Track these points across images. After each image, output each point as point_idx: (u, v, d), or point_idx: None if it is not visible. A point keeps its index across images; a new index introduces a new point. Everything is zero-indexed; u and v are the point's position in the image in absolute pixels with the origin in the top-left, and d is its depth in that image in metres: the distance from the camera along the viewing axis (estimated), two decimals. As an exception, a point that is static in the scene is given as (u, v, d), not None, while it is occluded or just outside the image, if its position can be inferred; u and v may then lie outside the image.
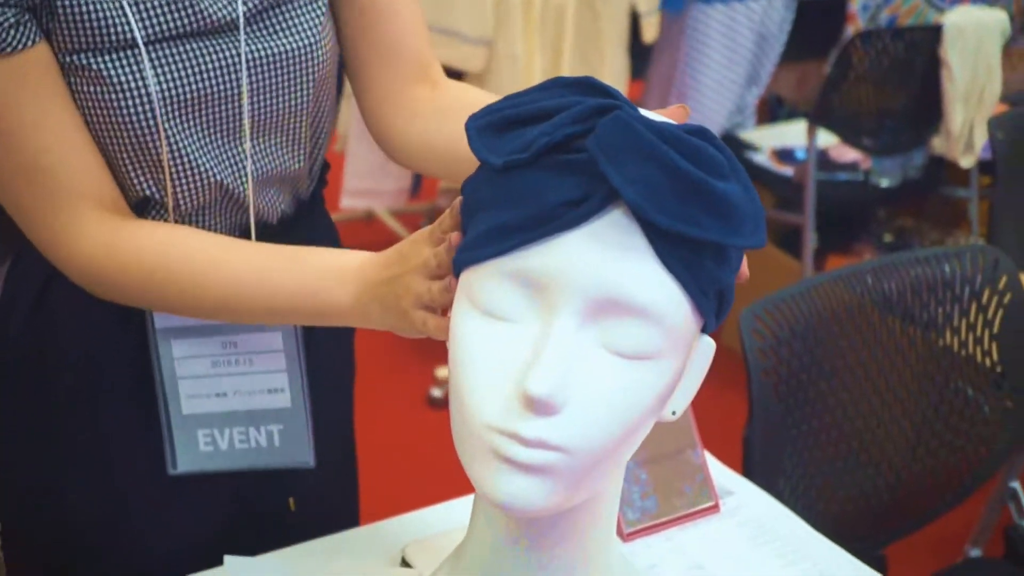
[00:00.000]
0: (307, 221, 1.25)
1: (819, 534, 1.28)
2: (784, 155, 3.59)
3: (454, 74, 3.09)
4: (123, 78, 1.04)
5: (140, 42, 1.04)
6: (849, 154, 3.54)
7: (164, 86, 1.06)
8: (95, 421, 1.20)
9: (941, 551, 1.95)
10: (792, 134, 3.66)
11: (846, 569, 1.22)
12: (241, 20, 1.09)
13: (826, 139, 3.40)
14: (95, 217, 1.05)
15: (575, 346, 0.75)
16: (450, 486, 1.35)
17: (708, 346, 0.83)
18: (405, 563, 1.21)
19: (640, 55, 3.49)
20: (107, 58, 1.04)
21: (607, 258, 0.75)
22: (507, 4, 3.06)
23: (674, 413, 0.83)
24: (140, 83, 1.05)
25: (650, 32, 3.35)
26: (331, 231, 1.35)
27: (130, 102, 1.05)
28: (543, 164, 0.77)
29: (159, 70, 1.06)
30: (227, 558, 1.11)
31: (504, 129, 0.79)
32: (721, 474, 1.37)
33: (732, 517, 1.31)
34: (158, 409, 1.18)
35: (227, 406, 1.20)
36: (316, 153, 1.24)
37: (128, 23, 1.03)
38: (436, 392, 3.18)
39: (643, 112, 0.79)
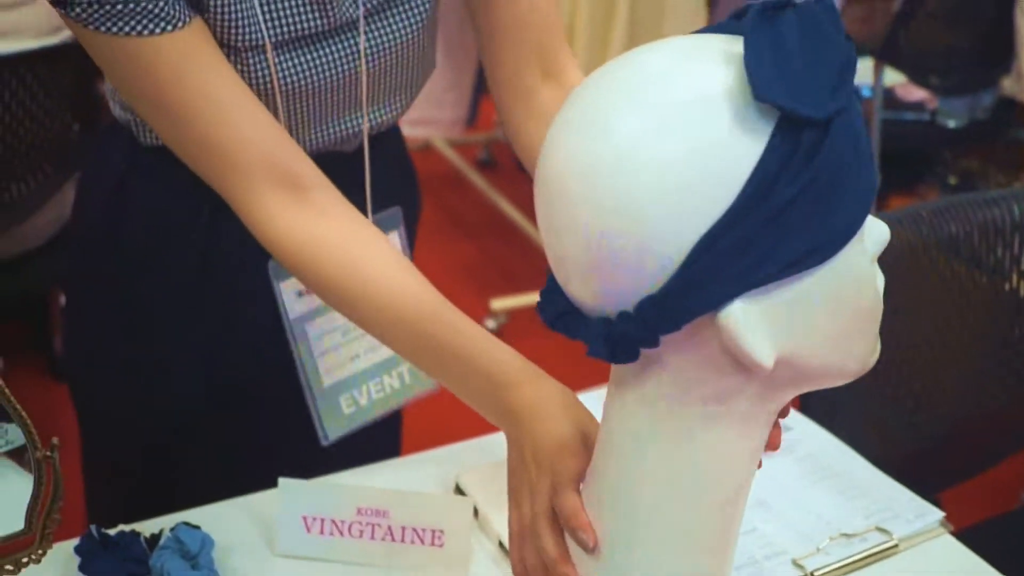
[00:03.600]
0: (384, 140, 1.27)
1: (878, 471, 1.27)
2: (849, 93, 3.53)
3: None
4: (250, 78, 1.07)
5: (268, 45, 1.06)
6: (916, 93, 3.47)
7: (287, 85, 1.09)
8: (157, 299, 1.24)
9: (997, 497, 1.93)
10: (858, 71, 3.59)
11: (906, 505, 1.21)
12: (361, 19, 1.11)
13: (893, 77, 3.33)
14: (275, 200, 1.03)
15: None
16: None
17: None
18: (459, 491, 1.21)
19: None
20: (233, 57, 1.06)
21: None
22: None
23: None
24: (265, 83, 1.08)
25: None
26: (400, 142, 1.37)
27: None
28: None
29: (282, 71, 1.09)
30: (281, 480, 1.11)
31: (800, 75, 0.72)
32: (778, 412, 1.36)
33: (791, 453, 1.29)
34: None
35: (360, 366, 1.25)
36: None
37: (260, 26, 1.06)
38: (491, 323, 3.18)
39: None
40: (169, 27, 0.97)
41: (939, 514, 1.20)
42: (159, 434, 1.30)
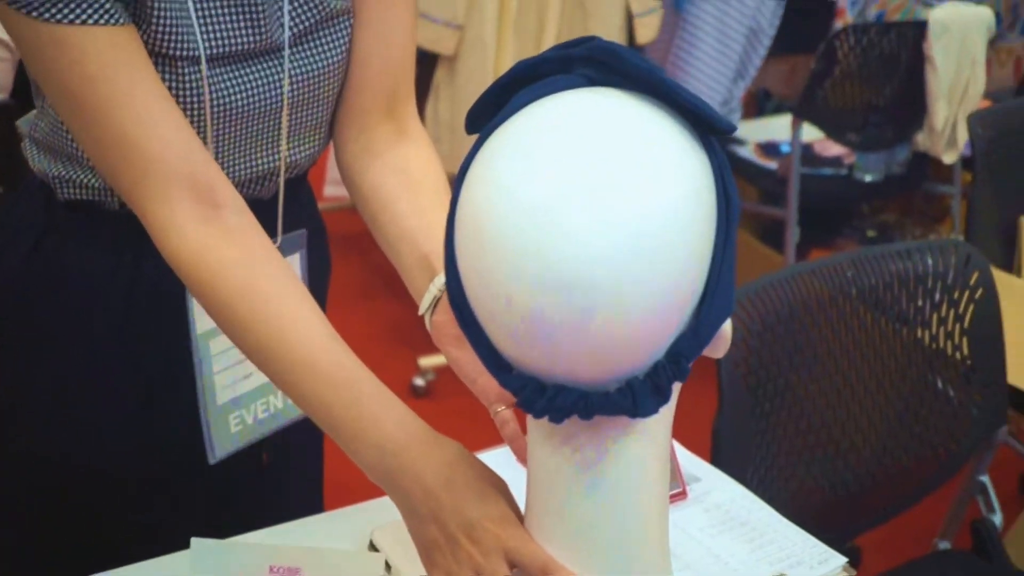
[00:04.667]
0: (293, 191, 1.28)
1: (784, 519, 1.29)
2: (769, 149, 3.60)
3: (426, 55, 3.09)
4: (181, 92, 1.08)
5: (203, 59, 1.08)
6: (833, 149, 3.56)
7: (216, 103, 1.10)
8: (81, 362, 1.23)
9: (910, 543, 1.97)
10: (777, 128, 3.67)
11: (812, 552, 1.24)
12: (287, 42, 1.14)
13: (811, 133, 3.41)
14: (186, 213, 1.01)
15: None
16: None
17: None
18: (373, 547, 1.22)
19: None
20: (168, 69, 1.07)
21: None
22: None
23: None
24: (196, 99, 1.09)
25: (646, 33, 3.20)
26: (312, 201, 1.39)
27: (184, 114, 1.06)
28: None
29: (214, 88, 1.10)
30: (193, 540, 1.11)
31: None
32: (688, 461, 1.38)
33: (699, 503, 1.32)
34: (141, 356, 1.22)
35: (252, 384, 1.26)
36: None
37: (196, 39, 1.07)
38: (419, 381, 3.19)
39: None
40: (106, 20, 0.99)
41: (842, 560, 1.22)
42: (77, 495, 1.29)
